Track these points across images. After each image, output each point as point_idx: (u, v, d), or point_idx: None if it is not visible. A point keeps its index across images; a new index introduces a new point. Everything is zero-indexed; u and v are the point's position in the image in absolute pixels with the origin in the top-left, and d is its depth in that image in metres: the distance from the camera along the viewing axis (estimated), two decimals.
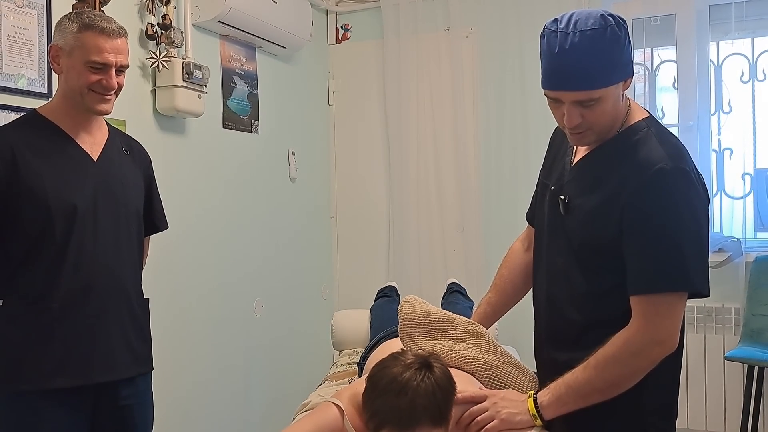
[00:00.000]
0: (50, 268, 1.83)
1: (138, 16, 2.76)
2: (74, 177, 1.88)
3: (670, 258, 1.52)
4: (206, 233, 3.14)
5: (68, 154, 1.90)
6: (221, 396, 3.22)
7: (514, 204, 3.75)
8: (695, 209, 1.54)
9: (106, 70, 1.87)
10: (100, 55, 1.85)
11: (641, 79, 3.62)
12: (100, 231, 1.90)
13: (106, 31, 1.86)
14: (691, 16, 3.47)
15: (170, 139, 2.93)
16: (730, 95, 3.48)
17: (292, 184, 3.86)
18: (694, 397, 3.43)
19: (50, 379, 1.81)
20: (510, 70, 3.78)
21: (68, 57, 1.86)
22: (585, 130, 1.59)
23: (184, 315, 2.99)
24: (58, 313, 1.83)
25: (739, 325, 3.37)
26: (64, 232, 1.83)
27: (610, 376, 1.55)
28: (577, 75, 1.51)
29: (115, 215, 1.95)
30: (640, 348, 1.53)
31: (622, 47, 1.53)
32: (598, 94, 1.52)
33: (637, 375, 1.56)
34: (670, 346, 1.57)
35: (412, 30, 3.96)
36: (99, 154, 1.95)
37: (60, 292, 1.83)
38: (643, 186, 1.53)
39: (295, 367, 3.76)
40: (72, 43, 1.85)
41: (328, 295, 4.22)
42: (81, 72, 1.85)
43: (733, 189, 3.48)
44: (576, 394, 1.57)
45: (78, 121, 1.92)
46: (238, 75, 3.39)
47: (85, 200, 1.88)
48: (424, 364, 1.56)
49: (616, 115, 1.61)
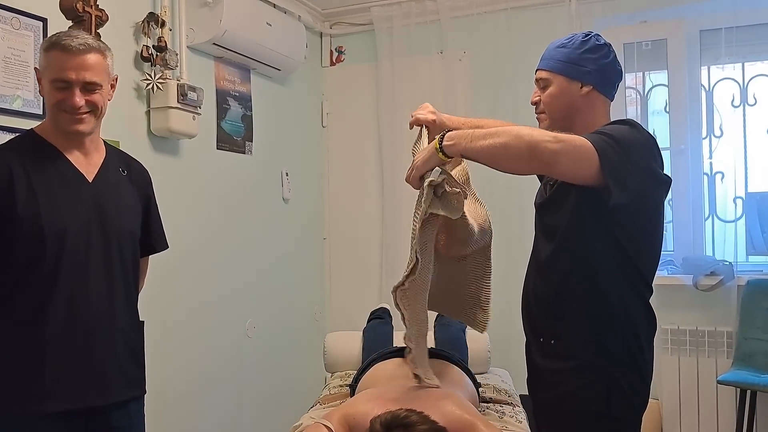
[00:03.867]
0: (42, 292, 1.80)
1: (134, 38, 2.77)
2: (68, 200, 1.85)
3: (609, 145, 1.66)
4: (199, 254, 3.13)
5: (63, 176, 1.87)
6: (213, 417, 3.19)
7: (507, 226, 3.75)
8: (644, 142, 1.72)
9: (71, 88, 1.81)
10: (61, 73, 1.80)
11: (633, 103, 3.65)
12: (93, 255, 1.87)
13: (68, 48, 1.80)
14: (682, 41, 3.51)
15: (164, 159, 2.93)
16: (721, 119, 3.51)
17: (285, 205, 3.86)
18: (686, 420, 3.42)
19: (41, 403, 1.78)
20: (503, 92, 3.81)
21: (43, 77, 1.85)
22: (541, 113, 1.90)
23: (176, 336, 2.97)
24: (50, 338, 1.80)
25: (731, 348, 3.37)
26: (56, 257, 1.81)
27: (507, 131, 1.68)
28: (543, 58, 1.89)
29: (108, 238, 1.91)
30: (546, 134, 1.66)
31: (583, 53, 1.82)
32: (546, 75, 1.86)
33: (521, 144, 1.64)
34: (555, 154, 1.63)
35: (405, 53, 3.99)
36: (94, 176, 1.92)
37: (52, 318, 1.80)
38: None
39: (287, 389, 3.74)
40: (43, 63, 1.84)
41: (321, 317, 4.20)
42: (50, 92, 1.83)
43: (724, 212, 3.49)
44: (477, 135, 1.71)
45: (71, 141, 1.89)
46: (232, 96, 3.41)
47: (77, 224, 1.85)
48: None
49: (571, 114, 1.83)
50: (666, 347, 3.45)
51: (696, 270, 3.42)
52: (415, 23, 3.96)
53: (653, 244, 1.81)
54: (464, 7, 3.87)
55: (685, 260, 3.46)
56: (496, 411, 2.49)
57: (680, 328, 3.44)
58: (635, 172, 1.66)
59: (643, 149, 1.71)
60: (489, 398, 2.62)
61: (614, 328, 1.74)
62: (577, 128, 1.79)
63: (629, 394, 1.75)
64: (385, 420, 1.56)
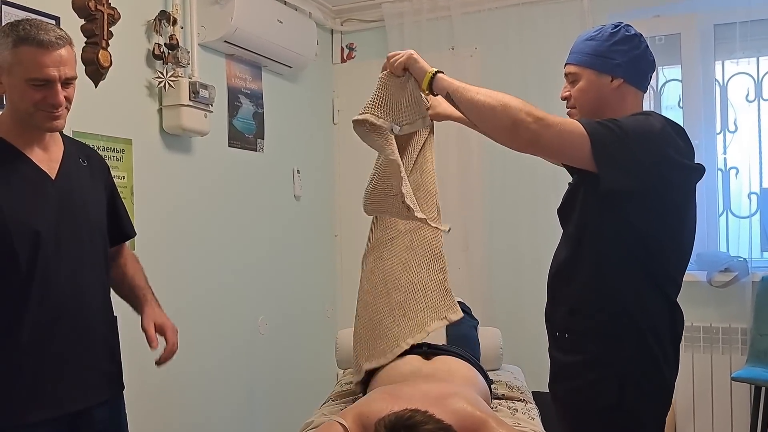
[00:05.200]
0: (15, 299, 1.70)
1: (145, 36, 2.78)
2: (34, 200, 1.74)
3: (606, 131, 1.65)
4: (211, 251, 3.14)
5: (25, 176, 1.75)
6: (225, 414, 3.20)
7: (518, 223, 3.75)
8: (653, 128, 1.67)
9: (51, 86, 1.69)
10: (41, 72, 1.67)
11: (646, 98, 3.61)
12: (65, 255, 1.77)
13: (44, 43, 1.66)
14: (695, 36, 3.48)
15: (176, 157, 2.94)
16: (735, 114, 3.48)
17: (296, 202, 3.86)
18: (700, 417, 3.40)
19: (23, 414, 1.69)
20: (514, 88, 3.71)
21: (8, 75, 1.69)
22: (572, 108, 1.87)
23: (189, 333, 2.98)
24: (27, 347, 1.70)
25: (745, 345, 3.35)
26: (28, 260, 1.70)
27: (492, 110, 1.71)
28: (572, 51, 1.86)
29: (78, 236, 1.82)
30: (529, 114, 1.65)
31: (612, 45, 1.79)
32: (575, 69, 1.83)
33: (506, 115, 1.67)
34: (536, 133, 1.65)
35: (416, 49, 3.86)
36: (57, 172, 1.81)
37: (27, 325, 1.70)
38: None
39: (299, 385, 3.75)
40: (10, 59, 1.67)
41: (332, 314, 4.21)
42: (24, 91, 1.68)
43: (739, 208, 3.47)
44: (471, 88, 1.79)
45: (31, 137, 1.77)
46: (243, 94, 3.41)
47: (47, 224, 1.74)
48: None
49: (602, 107, 1.79)
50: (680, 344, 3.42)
51: (710, 266, 3.40)
52: (426, 19, 3.95)
53: (679, 239, 1.77)
54: (475, 2, 3.85)
55: (699, 256, 3.43)
56: (508, 408, 2.48)
57: (694, 324, 3.42)
58: (640, 158, 1.63)
59: (653, 136, 1.66)
60: (501, 395, 2.61)
61: (629, 324, 1.71)
62: None
63: (646, 389, 1.72)
64: (389, 422, 1.55)
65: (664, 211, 1.70)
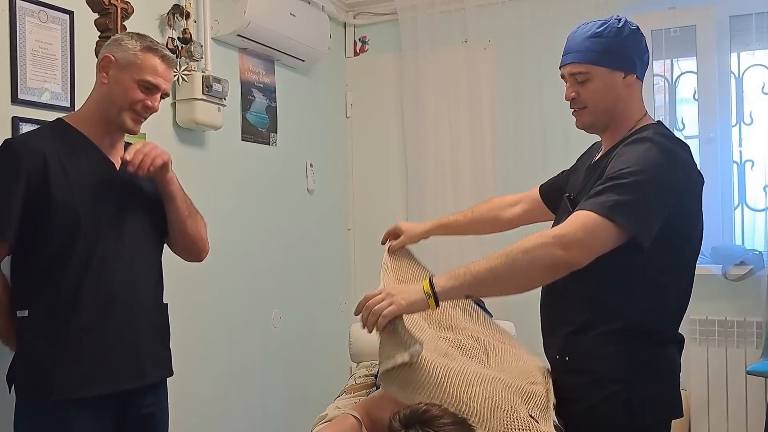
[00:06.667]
0: (75, 278, 1.85)
1: (159, 30, 2.79)
2: (101, 188, 1.92)
3: (618, 196, 1.58)
4: (224, 245, 3.15)
5: (95, 164, 1.93)
6: (238, 408, 3.22)
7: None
8: (661, 173, 1.62)
9: (154, 92, 1.95)
10: (154, 77, 1.93)
11: (661, 91, 3.60)
12: (124, 241, 1.93)
13: (166, 58, 1.97)
14: (711, 27, 3.45)
15: (190, 151, 2.95)
16: (751, 107, 3.45)
17: (309, 196, 3.87)
18: (715, 411, 3.39)
19: (81, 388, 1.83)
20: (528, 82, 3.77)
21: (120, 71, 1.91)
22: (581, 108, 1.79)
23: (202, 326, 3.00)
24: (86, 324, 1.85)
25: (761, 339, 3.32)
26: (89, 243, 1.86)
27: (512, 263, 1.56)
28: (573, 51, 1.77)
29: (138, 224, 1.99)
30: (548, 241, 1.56)
31: (620, 40, 1.73)
32: (586, 68, 1.74)
33: (535, 270, 1.57)
34: (572, 258, 1.56)
35: (429, 42, 3.97)
36: (120, 165, 1.97)
37: (86, 303, 1.85)
38: (623, 147, 1.69)
39: (313, 379, 3.76)
40: (130, 59, 1.91)
41: (346, 307, 4.21)
42: (130, 88, 1.91)
43: (754, 201, 3.44)
44: (474, 277, 1.58)
45: (103, 133, 1.96)
46: (256, 88, 3.42)
47: (110, 210, 1.92)
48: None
49: (617, 105, 1.76)
50: (694, 338, 3.41)
51: (725, 259, 3.37)
52: (440, 12, 3.94)
53: (685, 269, 1.78)
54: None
55: (714, 250, 3.41)
56: None
57: (709, 318, 3.40)
58: (655, 203, 1.61)
59: (659, 170, 1.62)
60: None
61: (632, 338, 1.71)
62: (618, 119, 1.77)
63: (656, 401, 1.72)
64: (404, 416, 1.55)
65: (674, 242, 1.71)
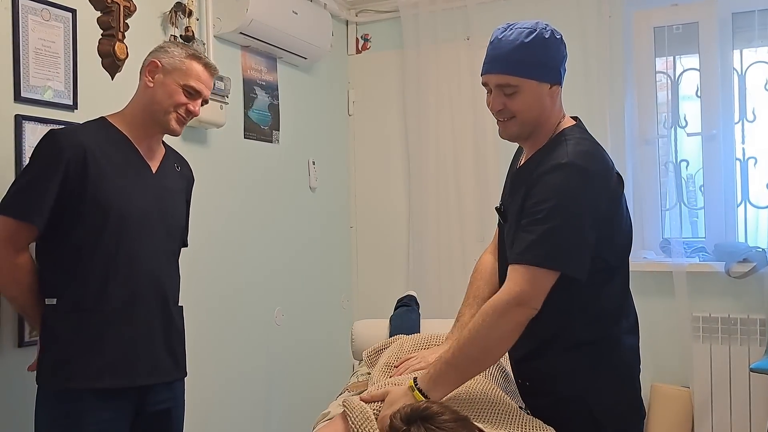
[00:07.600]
0: (102, 273, 1.92)
1: (161, 27, 2.79)
2: (135, 187, 2.00)
3: (546, 238, 1.63)
4: (227, 242, 3.15)
5: (132, 164, 2.02)
6: (241, 405, 3.22)
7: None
8: (580, 202, 1.64)
9: (197, 97, 2.07)
10: (198, 83, 2.05)
11: (663, 88, 3.59)
12: (150, 241, 2.02)
13: (210, 66, 2.11)
14: (713, 24, 3.44)
15: (192, 149, 2.95)
16: (754, 104, 3.44)
17: (312, 193, 3.87)
18: (718, 409, 3.38)
19: (99, 378, 1.89)
20: None
21: (166, 75, 2.03)
22: (508, 119, 1.76)
23: (205, 324, 3.00)
24: (110, 318, 1.92)
25: (764, 336, 3.32)
26: (118, 239, 1.94)
27: (483, 341, 1.64)
28: (501, 60, 1.72)
29: (164, 227, 2.08)
30: (504, 309, 1.62)
31: (548, 52, 1.70)
32: (515, 81, 1.70)
33: (505, 338, 1.64)
34: (532, 311, 1.64)
35: (431, 40, 3.96)
36: (157, 168, 2.09)
37: (110, 298, 1.92)
38: (540, 178, 1.68)
39: (315, 376, 3.76)
40: (176, 64, 2.03)
41: (348, 305, 4.21)
42: (174, 92, 2.02)
43: (757, 198, 3.43)
44: (455, 369, 1.65)
45: (145, 133, 2.06)
46: (259, 86, 3.42)
47: (141, 210, 1.99)
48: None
49: (541, 115, 1.74)
50: (697, 335, 3.40)
51: (728, 257, 3.37)
52: (441, 9, 3.93)
53: (616, 268, 1.79)
54: None
55: (717, 247, 3.41)
56: None
57: (712, 315, 3.40)
58: (583, 237, 1.64)
59: (579, 200, 1.64)
60: None
61: (590, 354, 1.73)
62: (541, 127, 1.77)
63: (621, 414, 1.75)
64: (405, 413, 1.55)
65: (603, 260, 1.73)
